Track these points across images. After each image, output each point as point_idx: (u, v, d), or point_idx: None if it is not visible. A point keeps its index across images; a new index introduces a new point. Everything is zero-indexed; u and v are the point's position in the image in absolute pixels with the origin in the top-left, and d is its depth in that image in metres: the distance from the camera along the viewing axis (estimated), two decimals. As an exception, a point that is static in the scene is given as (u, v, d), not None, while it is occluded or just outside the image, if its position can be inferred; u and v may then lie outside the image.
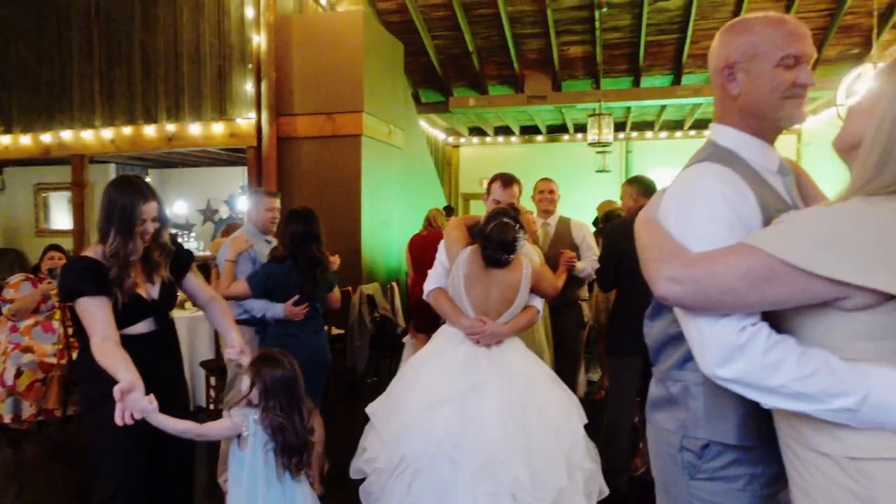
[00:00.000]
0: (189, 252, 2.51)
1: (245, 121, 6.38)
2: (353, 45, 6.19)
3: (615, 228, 3.59)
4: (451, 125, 12.12)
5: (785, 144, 11.90)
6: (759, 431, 1.27)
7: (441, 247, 2.87)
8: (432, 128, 11.71)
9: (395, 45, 7.36)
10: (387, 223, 7.00)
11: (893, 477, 1.02)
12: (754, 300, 1.06)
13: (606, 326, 4.09)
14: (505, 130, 12.58)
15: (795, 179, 1.44)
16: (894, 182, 1.00)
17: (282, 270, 3.18)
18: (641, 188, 3.56)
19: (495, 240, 2.60)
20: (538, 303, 2.79)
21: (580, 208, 5.56)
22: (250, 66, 6.28)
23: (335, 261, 3.59)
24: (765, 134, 1.35)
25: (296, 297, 3.17)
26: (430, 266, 2.91)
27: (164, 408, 1.97)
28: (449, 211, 8.52)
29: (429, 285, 2.85)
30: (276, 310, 3.18)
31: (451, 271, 2.73)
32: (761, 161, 1.35)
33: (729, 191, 1.21)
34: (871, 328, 1.02)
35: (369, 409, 2.66)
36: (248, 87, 6.33)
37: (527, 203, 4.55)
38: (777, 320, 1.13)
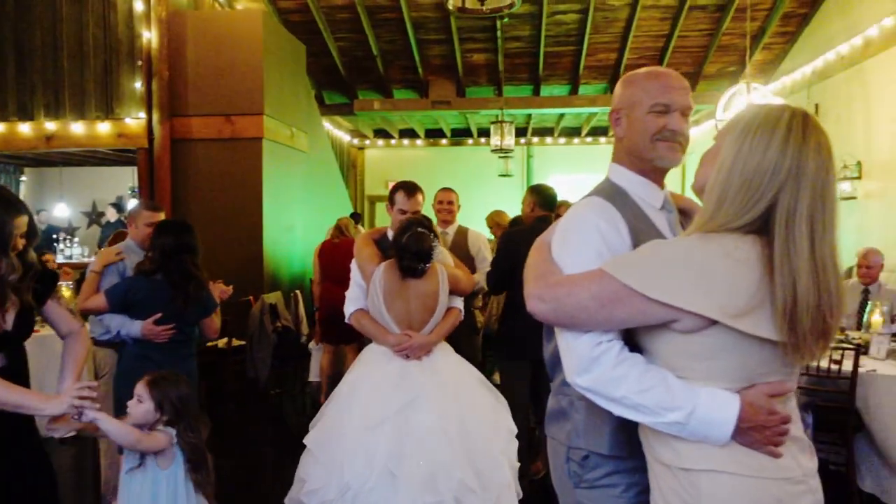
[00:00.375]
0: (54, 274, 2.23)
1: (135, 120, 6.02)
2: (253, 44, 5.99)
3: (514, 234, 3.70)
4: (356, 127, 12.01)
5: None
6: (630, 443, 1.38)
7: (354, 266, 2.84)
8: (336, 129, 11.55)
9: (296, 45, 7.20)
10: (290, 228, 6.83)
11: (716, 488, 1.14)
12: (603, 318, 1.19)
13: (497, 331, 4.19)
14: (410, 133, 12.62)
15: (685, 213, 1.58)
16: (726, 223, 1.12)
17: (147, 285, 2.84)
18: (539, 199, 3.69)
19: (412, 250, 2.61)
20: (458, 303, 2.84)
21: (484, 212, 5.66)
22: (140, 62, 5.92)
23: (225, 290, 3.27)
24: (648, 173, 1.48)
25: (158, 315, 2.80)
26: (339, 275, 2.87)
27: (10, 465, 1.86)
28: (356, 217, 8.43)
29: (348, 308, 2.82)
30: (133, 327, 2.81)
31: (368, 290, 2.72)
32: (645, 197, 1.48)
33: (604, 224, 1.34)
34: (702, 349, 1.14)
35: (307, 440, 2.59)
36: (138, 84, 5.98)
37: (427, 211, 4.60)
38: (633, 339, 1.27)
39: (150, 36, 5.82)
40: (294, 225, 6.95)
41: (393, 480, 2.37)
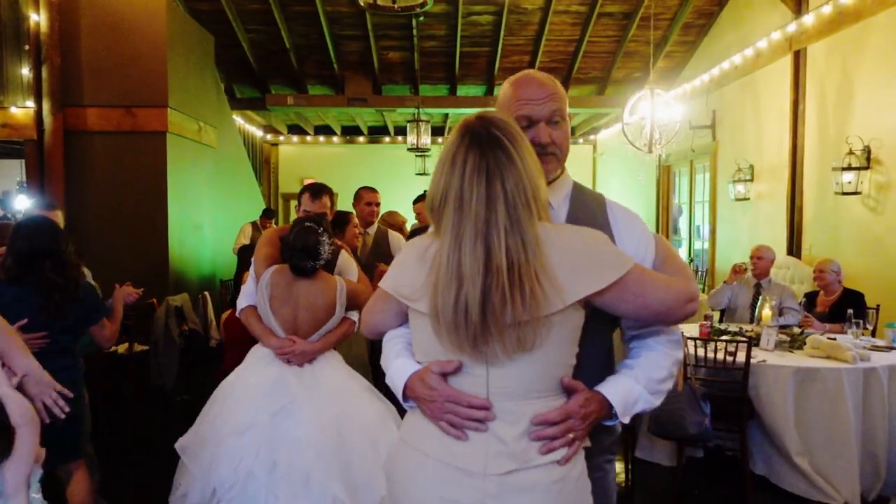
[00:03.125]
0: None
1: (21, 110, 5.56)
2: (155, 32, 5.68)
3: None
4: (269, 122, 11.66)
5: (583, 154, 13.21)
6: None
7: (253, 261, 2.75)
8: (248, 124, 11.16)
9: (204, 35, 6.89)
10: (198, 227, 6.54)
11: (402, 458, 1.29)
12: (378, 317, 1.42)
13: None
14: (326, 129, 12.39)
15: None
16: (436, 231, 1.25)
17: (12, 290, 2.55)
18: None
19: (298, 246, 2.55)
20: (354, 315, 2.79)
21: (400, 210, 5.63)
22: (27, 47, 5.48)
23: (133, 293, 2.99)
24: None
25: (23, 322, 2.47)
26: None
27: None
28: (269, 213, 8.20)
29: (241, 302, 2.73)
30: None
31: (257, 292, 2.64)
32: None
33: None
34: (412, 328, 1.33)
35: (178, 445, 2.49)
36: (26, 71, 5.52)
37: (346, 206, 4.53)
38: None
39: (38, 19, 5.39)
40: (202, 224, 6.66)
41: (263, 488, 2.31)
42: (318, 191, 2.88)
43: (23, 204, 7.25)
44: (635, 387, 1.30)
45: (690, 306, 1.28)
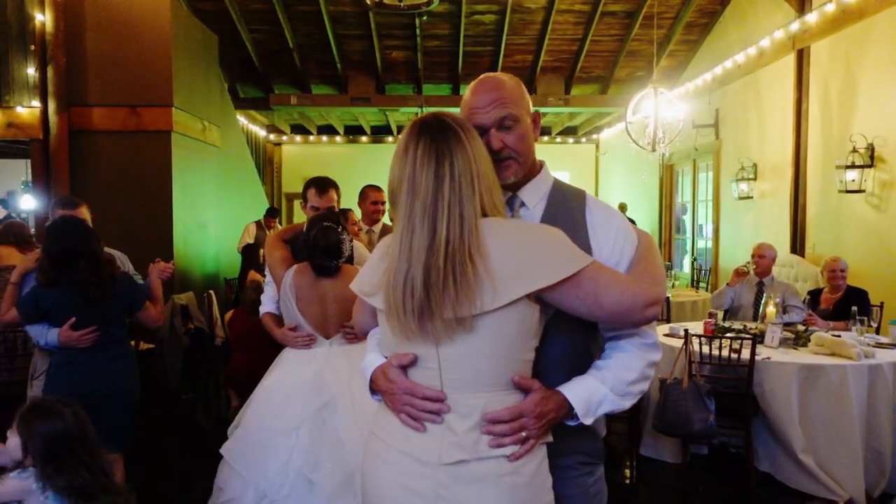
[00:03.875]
0: None
1: (27, 109, 5.58)
2: (160, 32, 5.70)
3: None
4: (273, 122, 11.68)
5: (586, 153, 13.22)
6: None
7: (268, 266, 2.77)
8: (252, 124, 11.19)
9: (208, 35, 6.91)
10: (203, 226, 6.56)
11: (369, 448, 1.33)
12: (358, 317, 1.52)
13: None
14: (329, 129, 12.41)
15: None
16: (395, 221, 1.27)
17: (53, 292, 2.71)
18: None
19: (320, 246, 2.53)
20: None
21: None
22: (33, 47, 5.50)
23: (165, 269, 3.07)
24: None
25: (72, 321, 2.67)
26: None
27: None
28: (273, 212, 8.22)
29: (262, 307, 2.76)
30: (51, 336, 2.72)
31: (280, 296, 2.64)
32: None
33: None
34: (381, 328, 1.35)
35: (223, 449, 2.50)
36: (31, 71, 5.55)
37: (351, 204, 4.54)
38: None
39: (43, 18, 5.42)
40: (207, 223, 6.68)
41: (310, 486, 2.32)
42: (324, 185, 2.86)
43: (28, 203, 7.28)
44: (600, 388, 1.27)
45: (650, 311, 1.24)
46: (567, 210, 1.40)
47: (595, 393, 1.27)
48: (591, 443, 1.41)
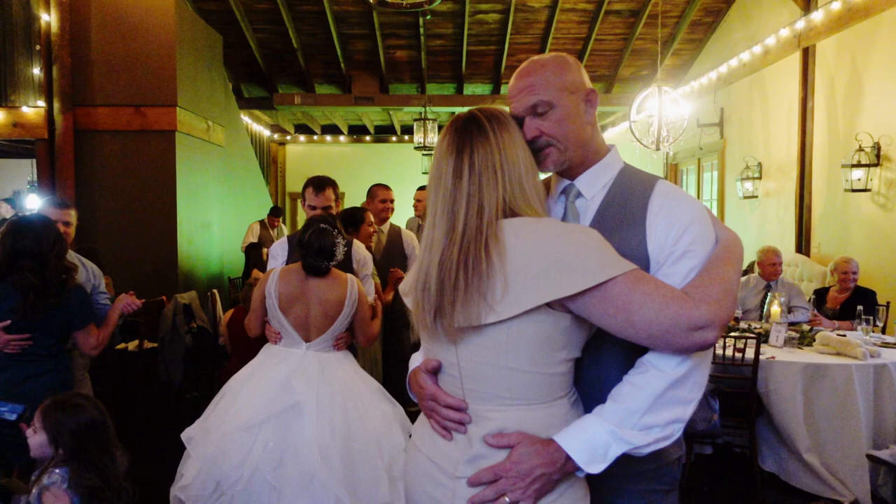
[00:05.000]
0: None
1: (32, 109, 5.60)
2: (165, 32, 5.71)
3: None
4: (277, 122, 11.70)
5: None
6: None
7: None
8: (256, 124, 11.21)
9: (212, 35, 6.92)
10: (207, 226, 6.57)
11: (408, 452, 1.29)
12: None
13: None
14: (333, 129, 12.42)
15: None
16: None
17: None
18: None
19: (314, 247, 2.57)
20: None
21: (408, 210, 5.66)
22: (38, 47, 5.52)
23: (131, 303, 2.80)
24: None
25: (7, 323, 2.42)
26: None
27: None
28: (277, 211, 8.23)
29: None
30: None
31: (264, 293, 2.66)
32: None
33: None
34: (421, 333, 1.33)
35: (184, 435, 2.50)
36: (37, 71, 5.57)
37: (358, 203, 4.53)
38: None
39: (48, 19, 5.44)
40: (211, 222, 6.69)
41: (267, 485, 2.32)
42: (321, 184, 2.89)
43: (34, 203, 7.32)
44: (600, 427, 1.08)
45: (698, 335, 1.04)
46: (627, 200, 1.24)
47: (595, 434, 1.07)
48: (663, 468, 1.25)
